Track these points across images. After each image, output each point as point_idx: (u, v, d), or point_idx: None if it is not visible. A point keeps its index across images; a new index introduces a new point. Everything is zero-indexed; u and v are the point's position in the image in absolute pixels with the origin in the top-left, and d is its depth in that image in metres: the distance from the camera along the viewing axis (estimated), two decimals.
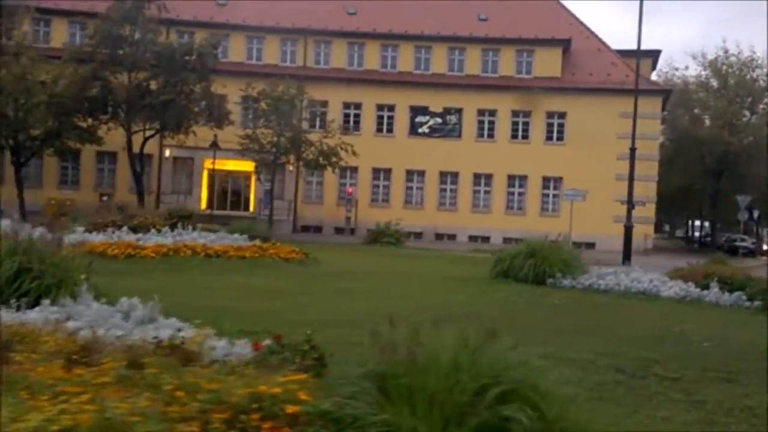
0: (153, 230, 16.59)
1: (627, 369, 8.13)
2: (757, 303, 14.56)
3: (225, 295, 11.15)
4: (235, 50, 43.16)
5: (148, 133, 37.34)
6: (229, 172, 42.16)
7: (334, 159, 36.87)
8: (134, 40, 34.80)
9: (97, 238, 15.21)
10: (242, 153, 36.75)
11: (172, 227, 16.85)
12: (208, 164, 41.91)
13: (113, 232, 16.09)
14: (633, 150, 28.71)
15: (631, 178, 28.58)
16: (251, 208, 42.68)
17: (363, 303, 11.46)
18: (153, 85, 34.87)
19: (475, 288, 15.30)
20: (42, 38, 40.89)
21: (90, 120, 36.13)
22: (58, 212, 33.69)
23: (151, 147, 40.55)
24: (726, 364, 8.71)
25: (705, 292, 15.12)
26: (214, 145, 37.71)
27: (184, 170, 42.20)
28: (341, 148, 36.54)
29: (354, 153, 36.79)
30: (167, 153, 41.52)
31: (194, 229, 17.44)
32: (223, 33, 40.43)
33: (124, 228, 16.51)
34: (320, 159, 36.67)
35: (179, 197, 41.09)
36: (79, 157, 41.23)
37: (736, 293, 14.91)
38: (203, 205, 42.74)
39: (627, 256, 22.72)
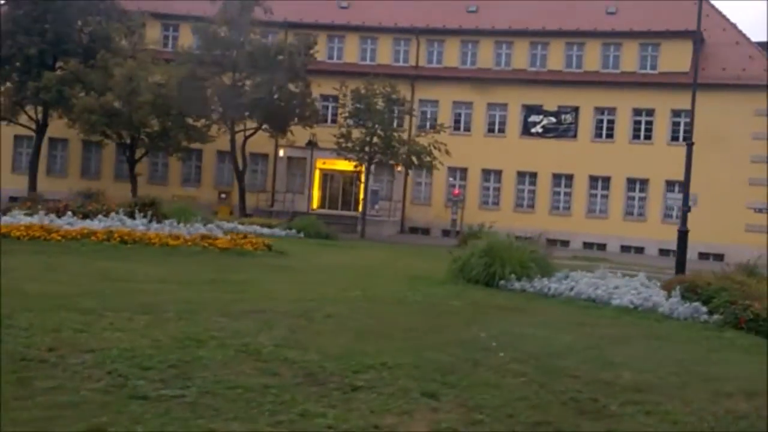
0: (103, 216, 16.74)
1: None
2: (716, 317, 12.34)
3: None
4: (349, 51, 43.38)
5: (250, 133, 38.30)
6: (341, 172, 42.32)
7: (427, 158, 36.02)
8: (234, 41, 35.82)
9: (24, 220, 15.68)
10: (337, 153, 36.79)
11: (131, 215, 16.89)
12: (320, 164, 42.48)
13: (58, 216, 16.48)
14: None
15: None
16: (359, 208, 42.65)
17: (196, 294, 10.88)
18: (248, 85, 35.77)
19: (409, 287, 14.13)
20: (165, 42, 43.25)
21: (199, 120, 37.62)
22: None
23: (267, 146, 41.75)
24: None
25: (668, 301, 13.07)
26: (311, 144, 38.11)
27: (297, 170, 42.90)
28: (434, 148, 35.61)
29: (447, 152, 35.75)
30: (281, 153, 42.43)
31: (159, 218, 17.36)
32: (328, 34, 40.82)
33: (68, 212, 16.85)
34: (413, 159, 35.94)
35: (292, 196, 41.99)
36: (201, 156, 43.08)
37: (694, 304, 12.72)
38: (315, 204, 43.32)
39: (681, 265, 20.08)
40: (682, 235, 21.09)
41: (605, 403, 6.97)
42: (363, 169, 38.64)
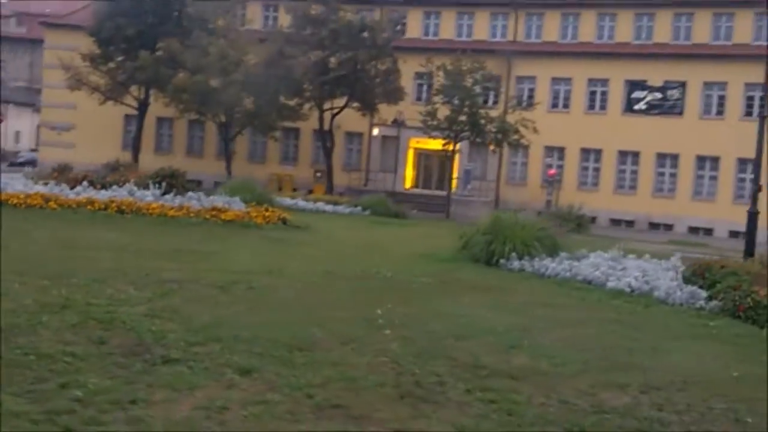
0: (118, 187, 16.91)
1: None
2: (714, 304, 11.06)
3: None
4: (445, 27, 42.48)
5: (336, 112, 38.26)
6: (434, 151, 41.61)
7: (515, 137, 34.83)
8: (323, 19, 35.78)
9: (35, 189, 16.10)
10: (424, 131, 36.18)
11: (147, 186, 16.97)
12: (413, 143, 41.98)
13: (71, 187, 16.82)
14: None
15: None
16: (453, 188, 41.84)
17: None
18: (333, 63, 35.68)
19: (400, 264, 13.51)
20: (266, 22, 43.83)
21: (291, 99, 37.90)
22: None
23: (363, 125, 41.66)
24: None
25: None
26: (397, 122, 37.61)
27: (391, 149, 42.57)
28: (523, 126, 34.36)
29: (535, 130, 34.40)
30: (375, 131, 42.21)
31: (179, 190, 17.40)
32: (424, 10, 40.07)
33: (84, 183, 17.13)
34: (500, 137, 34.84)
35: (385, 175, 41.74)
36: (299, 134, 43.51)
37: (692, 289, 11.45)
38: (408, 183, 42.90)
39: (749, 249, 18.20)
40: (752, 217, 19.22)
41: (447, 389, 6.27)
42: (456, 147, 37.91)
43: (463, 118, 35.11)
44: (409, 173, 43.13)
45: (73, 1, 48.37)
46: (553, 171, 39.75)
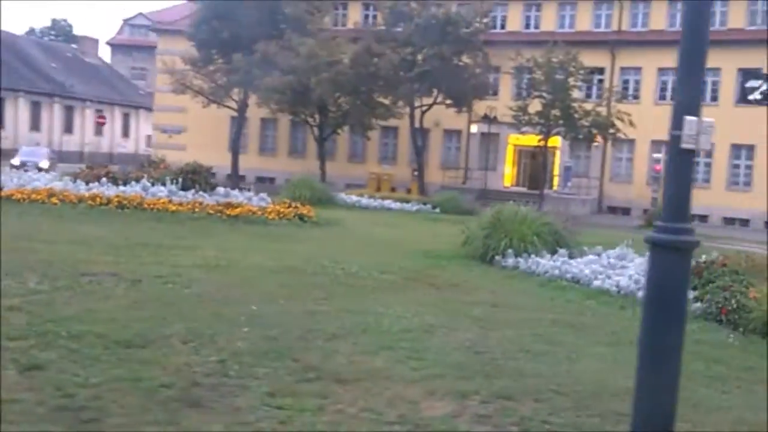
0: (135, 183, 17.00)
1: None
2: (697, 306, 9.77)
3: None
4: (546, 19, 40.94)
5: (426, 109, 37.67)
6: (534, 148, 40.22)
7: (611, 131, 33.05)
8: (410, 14, 35.33)
9: (48, 185, 16.48)
10: (516, 127, 35.02)
11: (159, 182, 16.95)
12: (513, 140, 40.74)
13: (87, 183, 17.06)
14: None
15: None
16: (554, 186, 40.27)
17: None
18: (419, 58, 35.10)
19: (385, 261, 12.83)
20: (366, 21, 43.77)
21: (384, 97, 37.64)
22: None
23: (460, 122, 40.88)
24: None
25: None
26: (487, 118, 36.54)
27: (490, 146, 41.49)
28: (618, 119, 32.56)
29: (631, 123, 32.47)
30: (473, 128, 41.30)
31: (201, 186, 17.30)
32: (525, 3, 38.78)
33: (103, 179, 17.31)
34: (593, 130, 33.16)
35: (485, 173, 40.75)
36: (397, 133, 43.22)
37: None
38: (508, 181, 41.69)
39: None
40: None
41: (245, 393, 5.68)
42: (557, 143, 36.53)
43: (556, 112, 33.68)
44: (509, 171, 41.89)
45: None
46: (660, 167, 37.43)
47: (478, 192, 37.49)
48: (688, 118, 4.61)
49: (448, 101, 36.75)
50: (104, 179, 17.07)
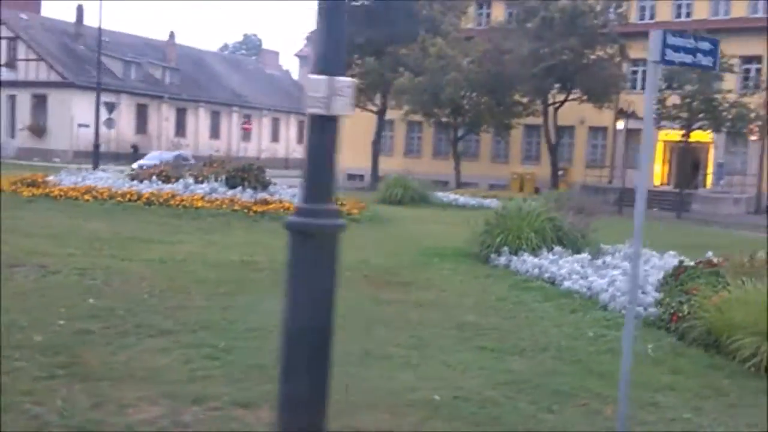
0: (180, 181, 17.37)
1: None
2: (652, 311, 8.61)
3: None
4: (699, 7, 38.02)
5: (558, 105, 36.17)
6: (686, 144, 37.49)
7: (761, 123, 30.13)
8: (536, 9, 34.11)
9: (104, 184, 17.31)
10: (654, 121, 32.73)
11: (200, 179, 17.12)
12: (662, 136, 38.15)
13: (140, 181, 17.62)
14: None
15: None
16: (707, 184, 37.32)
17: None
18: (547, 53, 33.70)
19: (388, 258, 12.39)
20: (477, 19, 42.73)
21: (510, 95, 36.60)
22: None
23: (607, 119, 38.97)
24: None
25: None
26: (622, 113, 34.42)
27: (638, 143, 39.06)
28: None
29: None
30: (620, 125, 39.14)
31: (250, 184, 17.28)
32: None
33: (153, 177, 17.74)
34: (738, 124, 30.35)
35: (632, 172, 38.50)
36: (539, 132, 41.85)
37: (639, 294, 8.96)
38: (656, 180, 39.08)
39: None
40: None
41: None
42: (710, 139, 33.96)
43: (698, 105, 31.16)
44: (658, 169, 39.26)
45: None
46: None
47: (621, 191, 35.44)
48: (314, 76, 3.90)
49: (584, 96, 35.06)
50: (154, 177, 17.80)
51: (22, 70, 53.86)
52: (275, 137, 70.45)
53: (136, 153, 52.70)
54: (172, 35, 64.73)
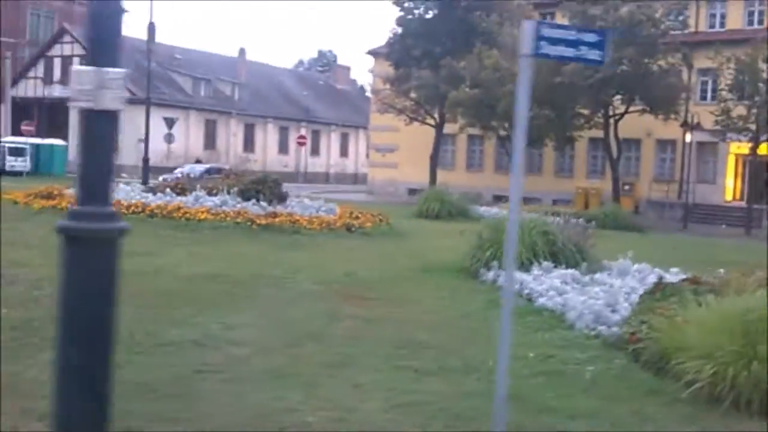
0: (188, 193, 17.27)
1: None
2: (615, 330, 7.97)
3: None
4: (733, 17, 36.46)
5: (618, 117, 34.98)
6: (759, 157, 35.76)
7: None
8: (596, 17, 33.13)
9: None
10: (720, 134, 31.39)
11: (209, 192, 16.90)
12: (734, 149, 36.51)
13: (153, 193, 17.54)
14: None
15: None
16: None
17: None
18: (606, 63, 32.59)
19: (377, 273, 11.99)
20: None
21: (580, 107, 35.63)
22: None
23: (676, 132, 37.54)
24: None
25: None
26: (687, 125, 32.99)
27: (709, 157, 37.56)
28: None
29: None
30: (688, 137, 37.62)
31: (265, 196, 17.00)
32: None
33: (167, 190, 17.62)
34: None
35: (702, 187, 37.01)
36: (604, 145, 40.62)
37: (605, 313, 8.32)
38: (729, 195, 37.39)
39: None
40: None
41: None
42: None
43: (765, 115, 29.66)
44: (731, 183, 37.54)
45: None
46: None
47: (687, 206, 34.09)
48: (80, 68, 3.58)
49: (647, 108, 33.85)
50: (168, 189, 17.84)
51: None
52: (344, 152, 70.73)
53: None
54: (242, 51, 65.86)
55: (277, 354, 7.00)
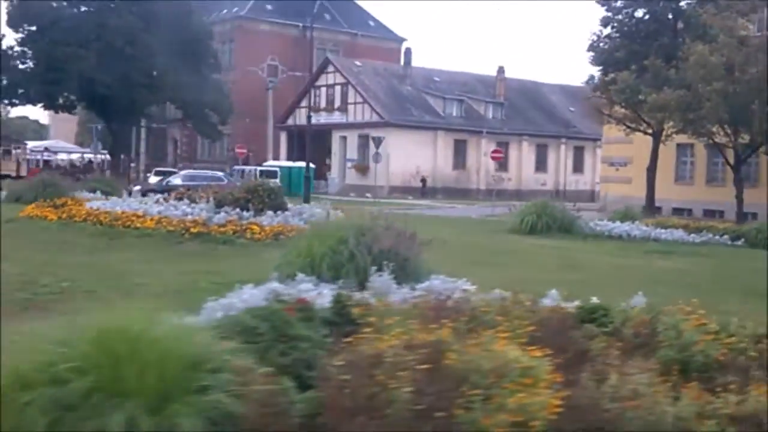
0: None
1: None
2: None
3: None
4: None
5: None
6: None
7: None
8: None
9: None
10: None
11: (216, 205, 15.94)
12: None
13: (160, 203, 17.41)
14: None
15: None
16: None
17: None
18: None
19: None
20: None
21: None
22: None
23: None
24: None
25: None
26: None
27: None
28: None
29: None
30: None
31: (254, 206, 15.73)
32: None
33: (171, 200, 17.13)
34: None
35: None
36: None
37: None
38: None
39: None
40: None
41: None
42: None
43: None
44: None
45: None
46: None
47: None
48: None
49: None
50: (171, 200, 17.75)
51: (351, 112, 58.36)
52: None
53: (424, 187, 54.52)
54: (501, 70, 65.03)
55: None
